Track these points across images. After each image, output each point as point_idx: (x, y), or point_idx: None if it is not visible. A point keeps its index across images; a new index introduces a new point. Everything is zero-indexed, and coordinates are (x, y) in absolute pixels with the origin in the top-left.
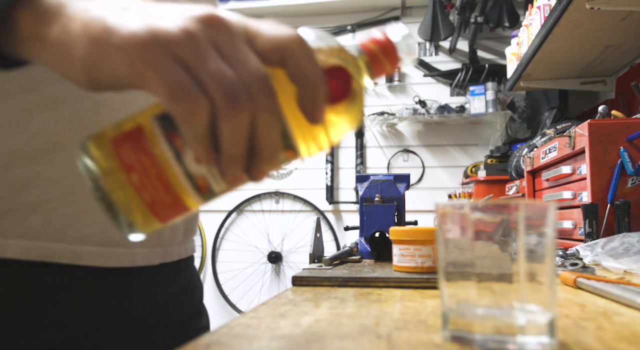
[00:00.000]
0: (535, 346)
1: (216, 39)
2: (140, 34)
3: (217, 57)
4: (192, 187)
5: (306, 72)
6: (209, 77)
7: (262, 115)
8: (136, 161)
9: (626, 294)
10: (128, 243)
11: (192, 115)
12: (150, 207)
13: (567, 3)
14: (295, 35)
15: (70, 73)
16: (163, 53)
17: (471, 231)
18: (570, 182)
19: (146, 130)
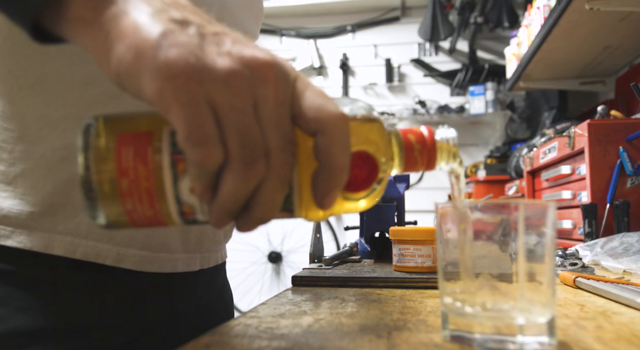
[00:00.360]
0: (535, 346)
1: (258, 92)
2: (184, 65)
3: (251, 114)
4: (178, 212)
5: (332, 158)
6: (234, 132)
7: (271, 181)
8: (132, 168)
9: (625, 293)
10: (170, 248)
11: (203, 162)
12: (129, 213)
13: (566, 3)
14: (338, 115)
15: (102, 64)
16: (198, 92)
17: (471, 231)
18: (570, 182)
19: (155, 140)
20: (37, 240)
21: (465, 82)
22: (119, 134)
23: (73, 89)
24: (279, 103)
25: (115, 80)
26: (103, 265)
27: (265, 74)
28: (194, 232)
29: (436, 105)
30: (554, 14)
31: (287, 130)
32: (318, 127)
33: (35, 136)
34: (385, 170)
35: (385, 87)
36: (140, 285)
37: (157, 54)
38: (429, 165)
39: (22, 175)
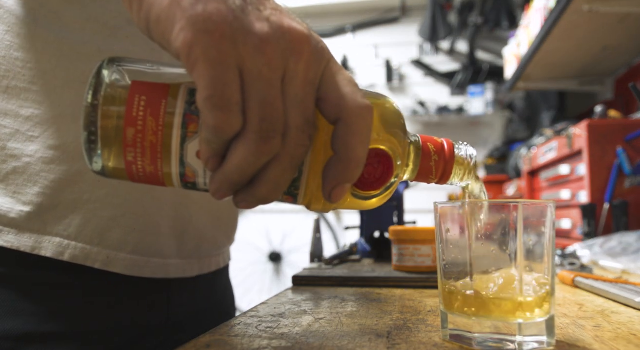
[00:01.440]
0: (534, 345)
1: (289, 66)
2: (220, 21)
3: (278, 87)
4: (179, 174)
5: (349, 150)
6: (257, 103)
7: (283, 160)
8: (142, 119)
9: (624, 293)
10: (164, 253)
11: (218, 128)
12: (128, 165)
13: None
14: (364, 106)
15: (132, 5)
16: (229, 53)
17: (470, 231)
18: (569, 182)
19: (171, 94)
20: (26, 241)
21: (465, 83)
22: (134, 80)
23: (69, 88)
24: (308, 81)
25: (142, 25)
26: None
27: (300, 49)
28: (191, 236)
29: (436, 105)
30: (553, 15)
31: (310, 111)
32: (341, 114)
33: (29, 135)
34: (398, 174)
35: (385, 88)
36: (136, 289)
37: (195, 3)
38: (442, 179)
39: (13, 173)
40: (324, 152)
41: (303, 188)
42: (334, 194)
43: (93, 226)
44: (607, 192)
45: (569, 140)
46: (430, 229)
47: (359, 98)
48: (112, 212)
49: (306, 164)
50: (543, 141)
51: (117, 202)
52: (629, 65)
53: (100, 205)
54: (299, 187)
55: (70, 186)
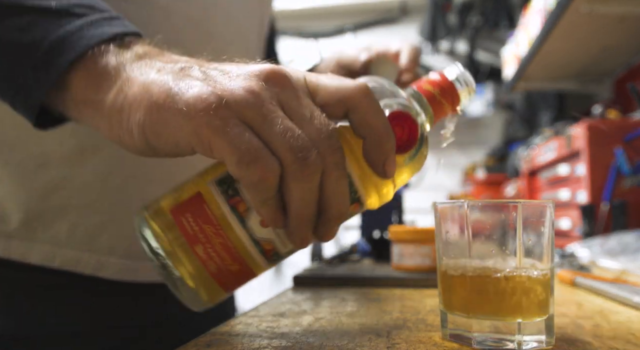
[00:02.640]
0: (533, 344)
1: (280, 96)
2: (206, 97)
3: (284, 117)
4: (259, 252)
5: (373, 125)
6: (278, 139)
7: (331, 173)
8: (199, 231)
9: (623, 292)
10: None
11: (262, 180)
12: (216, 277)
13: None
14: (359, 86)
15: (124, 139)
16: (231, 116)
17: (469, 230)
18: (568, 182)
19: (206, 197)
20: (15, 248)
21: None
22: (170, 211)
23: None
24: (302, 97)
25: (144, 149)
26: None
27: (278, 79)
28: None
29: None
30: (552, 15)
31: (321, 118)
32: (345, 106)
33: (14, 142)
34: (422, 124)
35: None
36: (130, 290)
37: (177, 100)
38: (454, 103)
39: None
40: (355, 145)
41: (361, 187)
42: (387, 169)
43: (82, 232)
44: (606, 192)
45: (568, 140)
46: (430, 229)
47: (348, 83)
48: (100, 218)
49: (349, 167)
50: (542, 141)
51: (105, 208)
52: (628, 65)
53: (88, 210)
54: (357, 190)
55: (56, 192)
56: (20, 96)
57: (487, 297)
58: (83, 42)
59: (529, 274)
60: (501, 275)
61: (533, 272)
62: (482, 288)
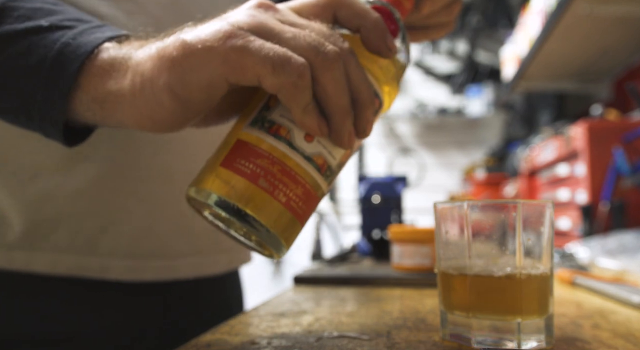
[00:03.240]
0: (533, 344)
1: (276, 16)
2: (219, 28)
3: (290, 26)
4: (314, 169)
5: (362, 13)
6: (294, 41)
7: (350, 60)
8: (256, 167)
9: (622, 292)
10: (161, 254)
11: (301, 77)
12: (288, 206)
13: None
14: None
15: (156, 115)
16: (248, 36)
17: (469, 230)
18: (567, 182)
19: (247, 139)
20: (18, 258)
21: (464, 83)
22: (220, 165)
23: None
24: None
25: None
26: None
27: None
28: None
29: (435, 105)
30: (552, 16)
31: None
32: (331, 8)
33: (5, 155)
34: (396, 15)
35: None
36: (133, 291)
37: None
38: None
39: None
40: (358, 49)
41: (372, 79)
42: (390, 46)
43: (82, 237)
44: (605, 192)
45: (567, 140)
46: (430, 229)
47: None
48: (100, 222)
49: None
50: (542, 140)
51: (103, 212)
52: (627, 65)
53: (86, 216)
54: (371, 82)
55: (50, 201)
56: (47, 121)
57: (486, 297)
58: (82, 49)
59: (528, 273)
60: (501, 275)
61: (532, 272)
62: (481, 288)
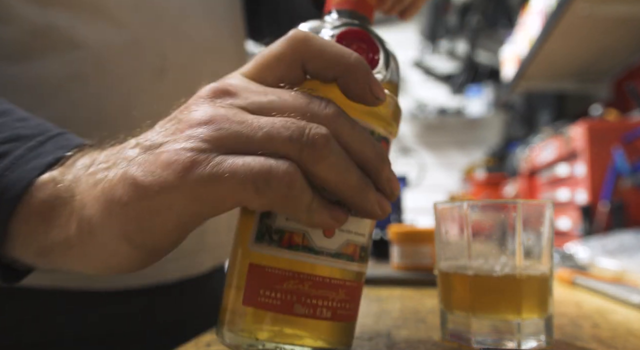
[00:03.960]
0: (533, 344)
1: (239, 102)
2: (175, 158)
3: (255, 117)
4: (347, 261)
5: (335, 61)
6: (271, 142)
7: (341, 129)
8: (284, 293)
9: (622, 292)
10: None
11: (290, 187)
12: (336, 317)
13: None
14: (291, 37)
15: (114, 265)
16: (214, 157)
17: (469, 230)
18: (567, 182)
19: (260, 260)
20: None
21: (464, 83)
22: (243, 302)
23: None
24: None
25: (143, 259)
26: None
27: (223, 91)
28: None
29: (435, 106)
30: (552, 16)
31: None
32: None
33: None
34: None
35: None
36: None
37: (147, 184)
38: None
39: None
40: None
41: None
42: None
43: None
44: (605, 192)
45: (567, 140)
46: (430, 229)
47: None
48: None
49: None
50: (541, 140)
51: None
52: (627, 66)
53: None
54: (371, 129)
55: None
56: None
57: (486, 297)
58: (11, 192)
59: (528, 273)
60: (501, 275)
61: (532, 272)
62: (481, 288)
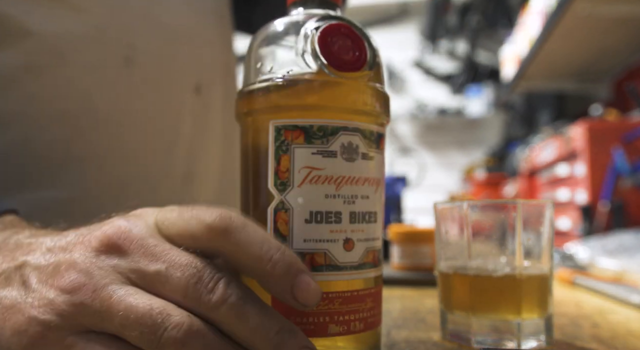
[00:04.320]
0: (532, 344)
1: (126, 265)
2: (27, 330)
3: (130, 294)
4: (369, 268)
5: (251, 261)
6: (120, 325)
7: (220, 317)
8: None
9: (622, 292)
10: None
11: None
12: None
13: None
14: (214, 226)
15: None
16: (58, 339)
17: (469, 230)
18: (567, 182)
19: None
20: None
21: (464, 83)
22: None
23: None
24: (153, 251)
25: None
26: None
27: (113, 246)
28: None
29: (435, 106)
30: (552, 16)
31: (177, 253)
32: (210, 248)
33: None
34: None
35: None
36: None
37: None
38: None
39: None
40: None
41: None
42: (299, 297)
43: None
44: (605, 192)
45: (567, 140)
46: (430, 229)
47: (202, 218)
48: None
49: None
50: (541, 140)
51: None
52: (627, 66)
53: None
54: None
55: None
56: None
57: (486, 297)
58: None
59: (528, 273)
60: (501, 275)
61: (532, 272)
62: (481, 288)
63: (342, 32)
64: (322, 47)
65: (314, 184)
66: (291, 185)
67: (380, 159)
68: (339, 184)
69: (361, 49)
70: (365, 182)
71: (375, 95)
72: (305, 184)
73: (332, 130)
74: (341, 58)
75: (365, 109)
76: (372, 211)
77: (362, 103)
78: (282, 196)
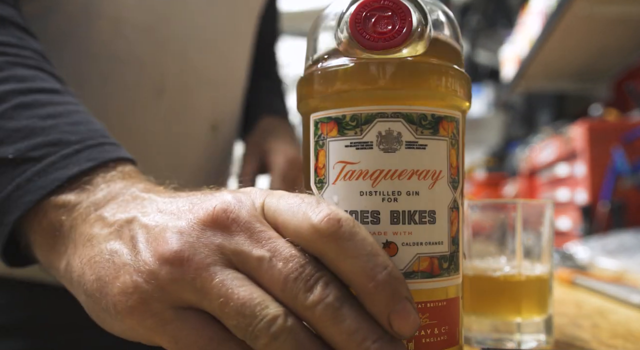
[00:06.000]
0: (532, 344)
1: (226, 246)
2: (131, 293)
3: (232, 279)
4: (424, 278)
5: (355, 274)
6: (219, 307)
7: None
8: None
9: (621, 292)
10: None
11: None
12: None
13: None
14: (324, 227)
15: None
16: (165, 308)
17: (469, 230)
18: (567, 182)
19: None
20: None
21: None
22: None
23: None
24: (257, 233)
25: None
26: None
27: (221, 223)
28: None
29: None
30: (552, 17)
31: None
32: (312, 249)
33: None
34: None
35: None
36: None
37: (101, 297)
38: None
39: None
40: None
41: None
42: (395, 325)
43: None
44: (605, 192)
45: (567, 140)
46: None
47: (311, 219)
48: None
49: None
50: (541, 140)
51: None
52: (627, 66)
53: None
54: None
55: None
56: None
57: (486, 297)
58: (27, 197)
59: (528, 273)
60: (500, 275)
61: (532, 272)
62: (481, 288)
63: (383, 5)
64: (352, 24)
65: (348, 180)
66: (327, 182)
67: (441, 146)
68: (375, 179)
69: (403, 21)
70: (412, 175)
71: (426, 71)
72: (340, 181)
73: (366, 119)
74: (373, 36)
75: (408, 89)
76: (426, 210)
77: (402, 83)
78: (321, 195)
